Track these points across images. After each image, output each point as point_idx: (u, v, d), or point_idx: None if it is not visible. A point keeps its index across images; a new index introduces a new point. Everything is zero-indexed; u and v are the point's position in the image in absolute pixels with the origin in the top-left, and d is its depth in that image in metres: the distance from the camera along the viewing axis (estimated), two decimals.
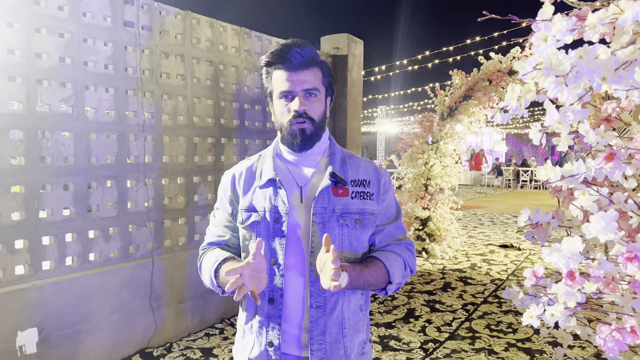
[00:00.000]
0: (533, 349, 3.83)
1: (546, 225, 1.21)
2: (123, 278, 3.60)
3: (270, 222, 1.42)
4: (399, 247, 1.51)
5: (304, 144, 1.44)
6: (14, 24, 3.03)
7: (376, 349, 3.82)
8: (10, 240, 3.01)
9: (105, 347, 3.48)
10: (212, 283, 1.43)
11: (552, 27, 0.83)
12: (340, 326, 1.44)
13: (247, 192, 1.49)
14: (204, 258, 1.51)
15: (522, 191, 20.06)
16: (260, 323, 1.45)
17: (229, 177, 1.54)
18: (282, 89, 1.41)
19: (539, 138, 0.93)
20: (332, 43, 6.32)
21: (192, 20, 4.22)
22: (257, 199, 1.46)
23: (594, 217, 0.90)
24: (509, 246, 7.89)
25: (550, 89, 0.82)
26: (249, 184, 1.50)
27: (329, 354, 1.42)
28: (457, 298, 5.14)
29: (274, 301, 1.42)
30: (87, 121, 3.43)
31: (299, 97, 1.40)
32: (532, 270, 1.08)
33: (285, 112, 1.42)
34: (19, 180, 3.06)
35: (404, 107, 23.55)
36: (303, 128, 1.41)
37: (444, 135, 7.07)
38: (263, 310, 1.44)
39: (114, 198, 3.61)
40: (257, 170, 1.51)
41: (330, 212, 1.42)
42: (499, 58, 6.58)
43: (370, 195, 1.48)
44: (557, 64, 0.81)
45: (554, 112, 0.86)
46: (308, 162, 1.50)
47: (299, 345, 1.43)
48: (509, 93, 0.96)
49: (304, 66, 1.40)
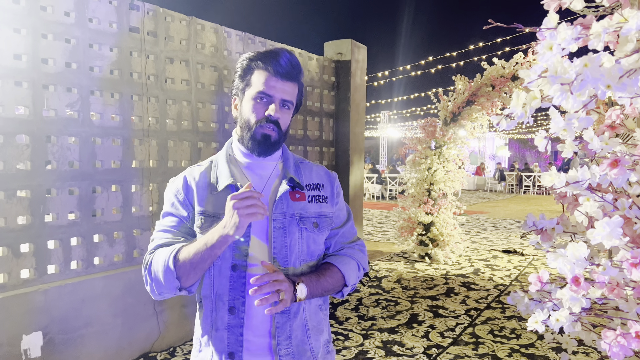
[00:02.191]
0: (537, 354, 3.82)
1: (551, 230, 1.21)
2: (127, 282, 3.61)
3: None
4: (352, 250, 1.56)
5: (266, 150, 1.41)
6: (20, 30, 3.06)
7: (379, 354, 3.82)
8: (15, 244, 3.03)
9: (109, 351, 3.49)
10: (169, 273, 1.30)
11: (557, 36, 0.84)
12: (304, 328, 1.45)
13: (204, 197, 1.42)
14: (154, 256, 1.37)
15: (525, 196, 20.03)
16: (219, 334, 1.39)
17: (180, 182, 1.46)
18: (262, 90, 1.37)
19: (544, 145, 0.94)
20: (336, 48, 6.34)
21: (197, 26, 4.25)
22: (215, 205, 1.40)
23: (599, 223, 0.91)
24: (512, 252, 7.88)
25: (556, 97, 0.83)
26: (204, 189, 1.43)
27: (297, 357, 1.43)
28: (460, 303, 5.13)
29: (235, 310, 1.37)
30: (92, 126, 3.46)
31: (276, 104, 1.38)
32: (538, 276, 1.08)
33: (256, 113, 1.38)
34: (25, 184, 3.08)
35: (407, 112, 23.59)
36: (269, 134, 1.38)
37: (447, 140, 7.08)
38: (222, 320, 1.38)
39: (119, 202, 3.62)
40: (210, 176, 1.45)
41: (290, 217, 1.43)
42: (502, 64, 6.59)
43: (325, 198, 1.52)
44: (562, 72, 0.82)
45: (559, 119, 0.87)
46: (263, 167, 1.47)
47: (270, 352, 1.40)
48: (514, 100, 0.97)
49: (289, 77, 1.39)
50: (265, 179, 1.45)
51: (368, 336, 4.19)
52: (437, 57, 13.75)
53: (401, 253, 7.60)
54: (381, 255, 7.54)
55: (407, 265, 6.83)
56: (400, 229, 7.30)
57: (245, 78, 1.41)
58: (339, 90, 6.33)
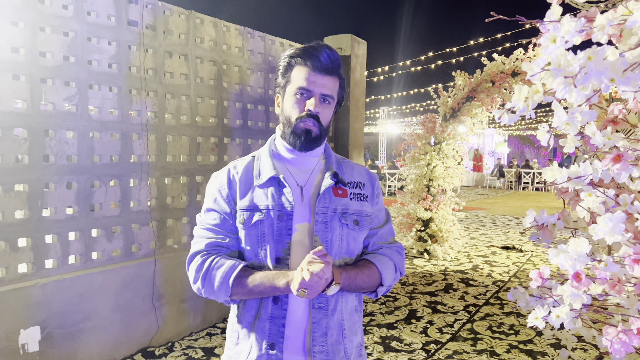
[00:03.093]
0: (535, 350, 3.82)
1: (552, 226, 1.20)
2: (125, 277, 3.60)
3: (274, 221, 1.38)
4: (390, 251, 1.54)
5: (307, 145, 1.42)
6: (18, 23, 3.04)
7: (378, 349, 3.82)
8: (13, 239, 3.02)
9: (107, 346, 3.49)
10: (224, 290, 1.34)
11: (561, 28, 0.82)
12: (341, 328, 1.44)
13: (247, 191, 1.43)
14: (213, 265, 1.37)
15: (524, 193, 20.04)
16: (261, 325, 1.39)
17: (224, 177, 1.47)
18: (302, 85, 1.39)
19: (546, 139, 0.93)
20: (335, 43, 6.31)
21: (196, 19, 4.22)
22: (258, 198, 1.41)
23: (601, 219, 0.90)
24: (511, 248, 7.89)
25: (559, 90, 0.82)
26: (247, 183, 1.44)
27: (330, 357, 1.41)
28: (458, 299, 5.13)
29: (278, 300, 1.37)
30: (90, 120, 3.44)
31: (316, 98, 1.39)
32: (538, 272, 1.08)
33: (297, 108, 1.40)
34: (23, 178, 3.07)
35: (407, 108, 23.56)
36: (309, 129, 1.39)
37: (447, 136, 7.07)
38: (266, 310, 1.38)
39: (117, 197, 3.61)
40: (254, 170, 1.46)
41: (332, 212, 1.43)
42: (502, 59, 6.57)
43: (366, 197, 1.52)
44: (565, 65, 0.81)
45: (562, 113, 0.86)
46: (306, 162, 1.48)
47: (303, 350, 1.39)
48: (516, 94, 0.96)
49: (329, 72, 1.40)
50: (308, 173, 1.47)
51: (366, 332, 4.19)
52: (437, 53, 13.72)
53: None
54: None
55: (405, 261, 6.82)
56: (399, 225, 7.29)
57: (286, 75, 1.43)
58: None
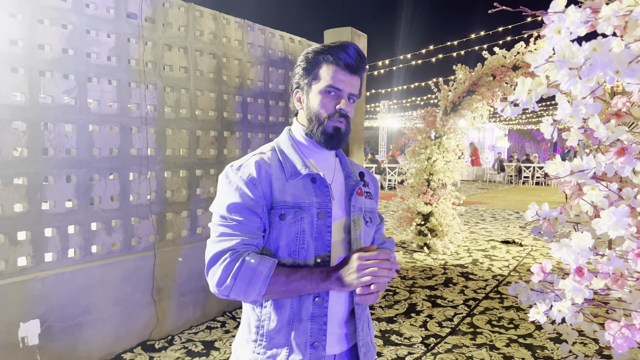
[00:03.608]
0: (534, 344, 3.83)
1: (554, 220, 1.19)
2: (125, 270, 3.60)
3: (314, 218, 1.36)
4: (390, 244, 1.64)
5: (338, 143, 1.43)
6: (16, 15, 3.02)
7: (377, 343, 3.82)
8: (12, 232, 3.01)
9: (107, 339, 3.49)
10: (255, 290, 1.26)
11: (565, 19, 0.81)
12: (368, 319, 1.51)
13: (282, 186, 1.36)
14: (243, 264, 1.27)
15: (524, 187, 20.03)
16: (302, 325, 1.34)
17: (252, 169, 1.35)
18: (332, 84, 1.38)
19: (550, 132, 0.92)
20: (336, 37, 6.28)
21: (196, 12, 4.20)
22: (297, 194, 1.36)
23: (605, 213, 0.89)
24: (511, 242, 7.89)
25: (564, 82, 0.81)
26: (280, 178, 1.37)
27: (366, 347, 1.47)
28: (458, 293, 5.13)
29: (320, 299, 1.35)
30: (89, 113, 3.42)
31: (345, 98, 1.40)
32: (540, 266, 1.07)
33: (328, 107, 1.39)
34: (22, 171, 3.05)
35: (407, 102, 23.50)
36: (340, 127, 1.40)
37: (447, 130, 7.05)
38: (307, 310, 1.34)
39: (117, 190, 3.60)
40: (283, 164, 1.40)
41: (359, 211, 1.47)
42: (503, 53, 6.55)
43: (371, 195, 1.57)
44: (570, 57, 0.79)
45: (566, 105, 0.85)
46: (328, 160, 1.49)
47: (342, 342, 1.42)
48: (519, 86, 0.95)
49: (357, 71, 1.41)
50: (332, 170, 1.48)
51: None
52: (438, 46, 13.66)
53: (400, 243, 7.60)
54: None
55: (405, 255, 6.83)
56: (399, 219, 7.29)
57: (312, 71, 1.41)
58: None
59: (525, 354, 3.67)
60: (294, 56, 5.47)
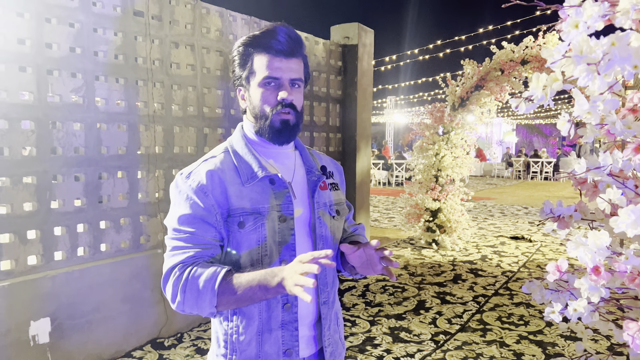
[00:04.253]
0: (545, 341, 3.80)
1: (568, 218, 1.17)
2: (134, 268, 3.60)
3: (275, 223, 1.29)
4: (362, 230, 1.61)
5: (288, 136, 1.33)
6: (24, 14, 3.02)
7: (387, 340, 3.81)
8: (22, 231, 3.02)
9: (117, 337, 3.50)
10: (207, 302, 1.19)
11: (583, 13, 0.79)
12: (336, 317, 1.47)
13: (238, 192, 1.28)
14: (190, 276, 1.20)
15: (533, 182, 19.92)
16: (273, 335, 1.31)
17: (202, 177, 1.27)
18: (267, 74, 1.28)
19: (567, 129, 0.90)
20: (343, 32, 6.26)
21: (202, 9, 4.19)
22: (254, 199, 1.29)
23: (623, 211, 0.87)
24: (520, 238, 7.84)
25: (581, 78, 0.79)
26: (235, 183, 1.29)
27: (334, 346, 1.44)
28: (467, 290, 5.11)
29: (289, 305, 1.31)
30: (97, 111, 3.43)
31: (286, 85, 1.29)
32: (556, 265, 1.05)
33: (270, 100, 1.29)
34: (31, 170, 3.06)
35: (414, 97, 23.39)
36: (287, 119, 1.31)
37: (455, 125, 7.00)
38: (276, 319, 1.30)
39: (125, 189, 3.61)
40: (238, 168, 1.31)
41: (323, 206, 1.41)
42: (511, 47, 6.48)
43: (337, 185, 1.51)
44: (588, 52, 0.77)
45: (584, 101, 0.83)
46: (286, 156, 1.41)
47: (311, 345, 1.39)
48: (534, 82, 0.93)
49: (292, 54, 1.30)
50: (291, 167, 1.40)
51: (375, 322, 4.18)
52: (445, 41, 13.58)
53: (408, 239, 7.58)
54: (388, 241, 7.52)
55: (414, 252, 6.81)
56: (407, 215, 7.26)
57: (245, 66, 1.31)
58: (345, 75, 6.26)
59: (535, 350, 3.64)
60: None
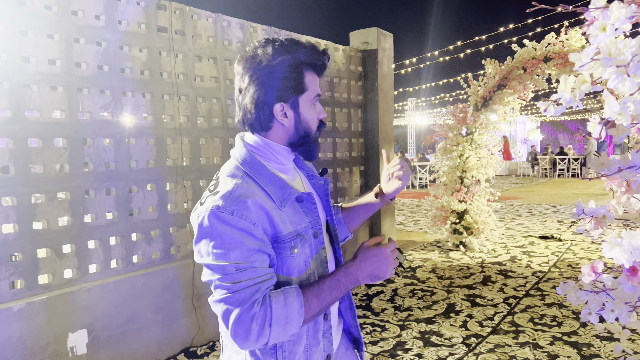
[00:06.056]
0: (580, 342, 3.73)
1: (601, 218, 1.17)
2: (165, 279, 3.67)
3: (311, 240, 1.31)
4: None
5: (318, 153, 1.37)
6: (54, 35, 3.12)
7: (417, 344, 3.79)
8: (58, 245, 3.11)
9: (151, 347, 3.57)
10: (295, 326, 1.18)
11: (610, 16, 0.80)
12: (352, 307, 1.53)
13: (279, 217, 1.24)
14: (273, 306, 1.16)
15: (560, 180, 19.57)
16: (318, 346, 1.33)
17: (248, 208, 1.18)
18: (318, 92, 1.30)
19: (598, 130, 0.90)
20: (362, 38, 6.28)
21: (223, 22, 4.26)
22: (293, 221, 1.27)
23: None
24: (550, 237, 7.71)
25: (611, 80, 0.79)
26: (273, 208, 1.23)
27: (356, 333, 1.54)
28: (498, 292, 5.05)
29: (327, 315, 1.35)
30: (125, 127, 3.51)
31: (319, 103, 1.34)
32: (591, 266, 1.05)
33: (315, 119, 1.32)
34: (64, 186, 3.16)
35: (435, 99, 23.24)
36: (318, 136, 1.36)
37: (479, 126, 6.95)
38: (320, 331, 1.33)
39: (155, 201, 3.68)
40: (268, 192, 1.24)
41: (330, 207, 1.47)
42: (533, 45, 6.41)
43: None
44: (617, 54, 0.78)
45: (614, 103, 0.83)
46: (289, 168, 1.37)
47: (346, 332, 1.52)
48: (562, 84, 0.93)
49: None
50: (297, 177, 1.40)
51: (405, 327, 4.17)
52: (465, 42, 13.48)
53: (435, 242, 7.52)
54: (414, 245, 7.48)
55: (441, 255, 6.76)
56: (434, 218, 7.22)
57: (295, 79, 1.24)
58: (366, 80, 6.28)
59: (570, 352, 3.58)
60: None
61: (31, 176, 3.01)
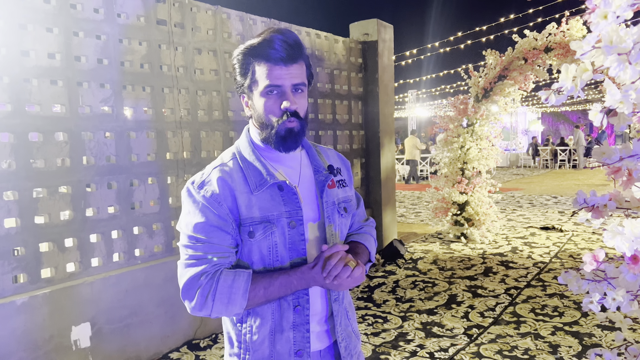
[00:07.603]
0: (581, 332, 3.75)
1: (603, 207, 1.17)
2: (168, 272, 3.68)
3: (285, 229, 1.32)
4: (369, 228, 1.60)
5: (294, 144, 1.33)
6: (53, 29, 3.11)
7: (419, 335, 3.81)
8: (60, 239, 3.12)
9: (154, 340, 3.58)
10: (237, 305, 1.26)
11: (612, 3, 0.79)
12: (345, 311, 1.48)
13: (248, 200, 1.30)
14: (218, 283, 1.26)
15: (561, 171, 19.56)
16: (284, 335, 1.35)
17: (214, 186, 1.30)
18: (268, 83, 1.27)
19: (599, 119, 0.90)
20: (361, 29, 6.26)
21: (222, 15, 4.24)
22: (263, 207, 1.31)
23: None
24: (551, 228, 7.72)
25: (612, 68, 0.79)
26: (245, 191, 1.31)
27: (347, 340, 1.46)
28: (499, 282, 5.06)
29: (300, 307, 1.35)
30: (126, 120, 3.51)
31: (288, 93, 1.28)
32: (593, 255, 1.05)
33: (274, 110, 1.29)
34: (66, 180, 3.16)
35: (436, 90, 23.20)
36: (292, 127, 1.30)
37: (480, 117, 6.93)
38: (287, 320, 1.34)
39: (156, 194, 3.69)
40: (246, 175, 1.33)
41: (332, 205, 1.42)
42: (534, 35, 6.39)
43: (345, 182, 1.52)
44: (618, 42, 0.77)
45: (616, 91, 0.83)
46: (291, 158, 1.41)
47: (323, 339, 1.43)
48: (564, 73, 0.93)
49: (292, 60, 1.28)
50: (297, 169, 1.42)
51: (407, 318, 4.18)
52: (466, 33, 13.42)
53: (436, 234, 7.53)
54: (415, 236, 7.49)
55: (442, 246, 6.77)
56: (434, 210, 7.23)
57: (246, 75, 1.31)
58: (366, 72, 6.26)
59: (572, 341, 3.60)
60: (320, 52, 5.47)
61: (32, 170, 3.01)
